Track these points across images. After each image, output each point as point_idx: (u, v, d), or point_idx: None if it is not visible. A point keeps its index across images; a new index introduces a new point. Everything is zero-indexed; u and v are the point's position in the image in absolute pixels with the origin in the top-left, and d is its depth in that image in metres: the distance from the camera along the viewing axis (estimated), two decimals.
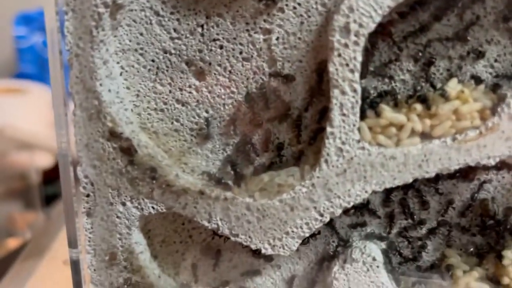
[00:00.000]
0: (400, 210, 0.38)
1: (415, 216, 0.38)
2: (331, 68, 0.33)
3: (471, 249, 0.38)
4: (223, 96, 0.38)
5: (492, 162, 0.34)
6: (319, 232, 0.40)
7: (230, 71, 0.37)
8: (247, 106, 0.38)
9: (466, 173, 0.36)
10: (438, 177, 0.37)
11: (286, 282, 0.41)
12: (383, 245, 0.39)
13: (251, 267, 0.41)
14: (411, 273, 0.39)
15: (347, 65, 0.33)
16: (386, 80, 0.36)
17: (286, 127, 0.38)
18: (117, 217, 0.38)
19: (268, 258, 0.41)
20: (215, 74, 0.38)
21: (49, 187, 1.00)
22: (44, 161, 0.98)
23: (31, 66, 1.20)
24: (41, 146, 0.96)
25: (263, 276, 0.41)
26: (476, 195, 0.37)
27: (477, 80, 0.35)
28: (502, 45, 0.35)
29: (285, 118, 0.38)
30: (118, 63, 0.37)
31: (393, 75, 0.36)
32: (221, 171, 0.39)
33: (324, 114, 0.36)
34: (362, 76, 0.35)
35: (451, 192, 0.38)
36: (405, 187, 0.38)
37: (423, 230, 0.39)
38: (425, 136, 0.35)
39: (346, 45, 0.33)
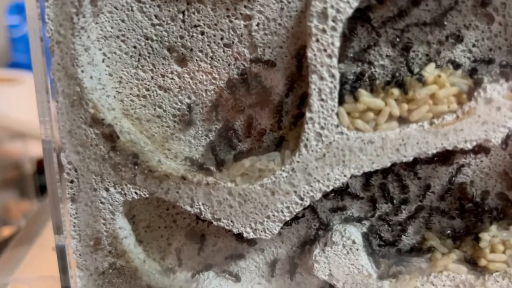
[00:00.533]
0: (380, 194, 0.39)
1: (395, 200, 0.39)
2: (309, 54, 0.34)
3: (450, 232, 0.38)
4: (205, 82, 0.38)
5: (469, 146, 0.34)
6: (302, 216, 0.40)
7: (211, 57, 0.38)
8: (229, 92, 0.38)
9: (444, 157, 0.37)
10: (417, 162, 0.38)
11: (269, 266, 0.42)
12: (364, 228, 0.39)
13: (235, 251, 0.42)
14: (391, 256, 0.40)
15: (325, 50, 0.33)
16: (365, 65, 0.36)
17: (267, 112, 0.39)
18: (101, 202, 0.39)
19: (252, 242, 0.41)
20: (196, 60, 0.38)
21: (44, 176, 1.00)
22: (38, 150, 0.98)
23: (25, 56, 1.20)
24: (35, 135, 0.96)
25: (246, 260, 0.42)
26: (454, 179, 0.37)
27: (455, 65, 0.35)
28: (480, 30, 0.36)
29: (267, 104, 0.38)
30: (100, 49, 0.38)
31: (372, 61, 0.36)
32: (204, 157, 0.39)
33: (304, 100, 0.37)
34: (341, 61, 0.36)
35: (430, 176, 0.38)
36: (385, 172, 0.38)
37: (403, 214, 0.39)
38: (403, 120, 0.35)
39: (324, 31, 0.33)
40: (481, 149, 0.36)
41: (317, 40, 0.33)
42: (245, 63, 0.38)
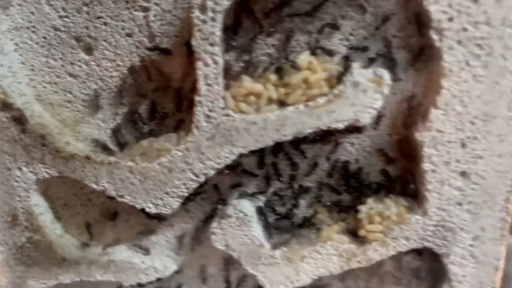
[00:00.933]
0: (273, 172, 0.42)
1: (286, 177, 0.42)
2: (193, 42, 0.37)
3: (336, 205, 0.42)
4: (110, 69, 0.41)
5: (341, 126, 0.38)
6: (204, 192, 0.43)
7: (115, 46, 0.41)
8: (132, 78, 0.41)
9: (325, 136, 0.40)
10: (304, 141, 0.41)
11: (178, 239, 0.45)
12: (260, 203, 0.43)
13: (146, 227, 0.45)
14: (285, 228, 0.43)
15: (207, 39, 0.37)
16: (252, 54, 0.39)
17: (168, 97, 0.42)
18: (15, 181, 0.42)
19: (162, 219, 0.45)
20: (101, 49, 0.41)
21: None
22: None
23: None
24: None
25: (158, 235, 0.45)
26: (332, 155, 0.41)
27: (329, 52, 0.38)
28: (355, 20, 0.39)
29: (167, 89, 0.42)
30: (11, 40, 0.41)
31: (257, 49, 0.39)
32: (111, 139, 0.42)
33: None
34: (228, 50, 0.39)
35: (318, 155, 0.42)
36: (276, 151, 0.42)
37: (295, 190, 0.43)
38: (282, 103, 0.38)
39: (204, 21, 0.36)
40: (355, 128, 0.39)
41: (199, 30, 0.36)
42: (145, 51, 0.41)
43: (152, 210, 0.41)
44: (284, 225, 0.43)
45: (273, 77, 0.37)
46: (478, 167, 0.38)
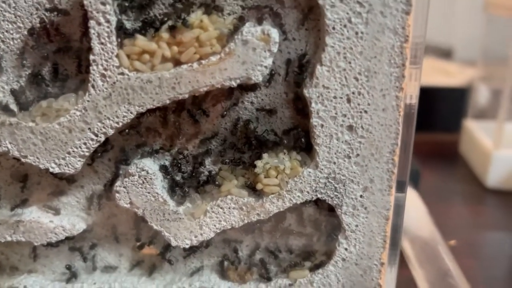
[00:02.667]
0: (177, 131, 0.43)
1: (189, 136, 0.43)
2: (85, 1, 0.37)
3: (239, 163, 0.44)
4: (11, 31, 0.41)
5: (234, 84, 0.39)
6: (113, 153, 0.44)
7: (14, 8, 0.41)
8: (32, 40, 0.42)
9: (226, 96, 0.42)
10: (205, 100, 0.42)
11: (88, 200, 0.46)
12: (165, 161, 0.44)
13: (57, 188, 0.46)
14: (190, 186, 0.45)
15: None
16: (149, 13, 0.40)
17: (69, 58, 0.42)
18: None
19: (71, 180, 0.46)
20: (1, 10, 0.41)
21: None
22: None
23: None
24: None
25: (68, 196, 0.46)
26: (233, 114, 0.42)
27: (222, 12, 0.39)
28: None
29: (68, 50, 0.42)
30: None
31: (153, 9, 0.40)
32: (13, 100, 0.43)
33: None
34: (124, 10, 0.40)
35: (219, 114, 0.43)
36: (178, 110, 0.43)
37: (199, 149, 0.44)
38: (178, 62, 0.39)
39: None
40: (250, 87, 0.41)
41: None
42: (45, 12, 0.41)
43: (55, 169, 0.42)
44: (189, 183, 0.45)
45: (165, 35, 0.38)
46: (363, 121, 0.40)
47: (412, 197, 0.79)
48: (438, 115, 1.19)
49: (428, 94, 1.19)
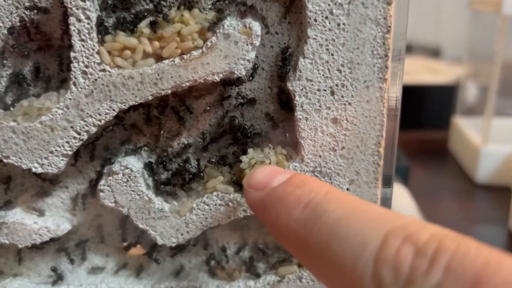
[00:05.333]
0: (160, 128, 0.43)
1: (174, 133, 0.43)
2: None
3: (225, 159, 0.43)
4: None
5: (216, 78, 0.39)
6: (96, 152, 0.44)
7: None
8: (12, 39, 0.41)
9: (210, 91, 0.41)
10: (189, 96, 0.42)
11: (73, 201, 0.45)
12: (150, 159, 0.44)
13: (41, 189, 0.45)
14: (176, 184, 0.44)
15: None
16: (130, 10, 0.40)
17: (50, 57, 0.42)
18: None
19: (55, 181, 0.45)
20: None
21: None
22: None
23: None
24: None
25: (53, 197, 0.46)
26: (218, 110, 0.42)
27: (204, 7, 0.39)
28: None
29: (49, 49, 0.42)
30: None
31: (134, 5, 0.40)
32: None
33: None
34: (105, 7, 0.39)
35: (204, 110, 0.43)
36: (162, 106, 0.43)
37: (183, 146, 0.44)
38: (160, 58, 0.39)
39: None
40: (234, 81, 0.40)
41: None
42: (25, 11, 0.40)
43: (38, 169, 0.41)
44: (175, 180, 0.44)
45: (146, 30, 0.38)
46: (347, 113, 0.40)
47: (402, 194, 0.79)
48: (427, 112, 1.19)
49: (417, 93, 1.19)
